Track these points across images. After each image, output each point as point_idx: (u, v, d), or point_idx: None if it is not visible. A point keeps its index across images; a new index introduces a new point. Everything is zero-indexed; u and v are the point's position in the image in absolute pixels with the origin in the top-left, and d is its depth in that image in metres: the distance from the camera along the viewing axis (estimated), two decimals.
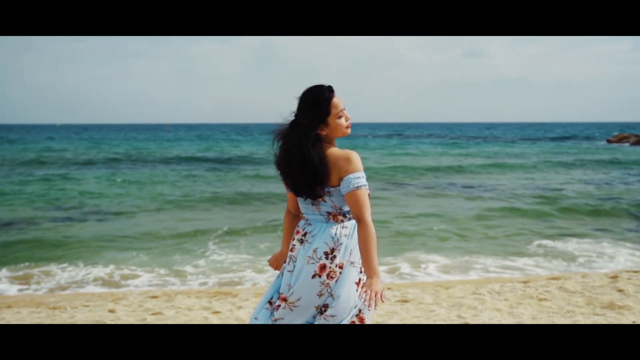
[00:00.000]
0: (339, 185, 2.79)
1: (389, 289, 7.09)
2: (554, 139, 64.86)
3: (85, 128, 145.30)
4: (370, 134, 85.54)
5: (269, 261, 3.24)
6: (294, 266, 2.88)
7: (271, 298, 2.95)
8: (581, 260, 9.46)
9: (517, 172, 25.82)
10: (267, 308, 2.93)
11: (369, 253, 2.68)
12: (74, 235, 11.51)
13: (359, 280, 2.83)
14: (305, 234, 2.90)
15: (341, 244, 2.81)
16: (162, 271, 8.85)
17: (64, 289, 8.05)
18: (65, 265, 9.16)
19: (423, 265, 9.08)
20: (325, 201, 2.83)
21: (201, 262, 9.42)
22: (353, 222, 2.87)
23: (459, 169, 26.70)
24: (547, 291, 6.61)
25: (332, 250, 2.80)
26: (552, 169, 27.34)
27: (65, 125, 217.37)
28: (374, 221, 2.76)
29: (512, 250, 10.17)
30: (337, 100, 2.82)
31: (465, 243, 10.87)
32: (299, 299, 2.79)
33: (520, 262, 9.36)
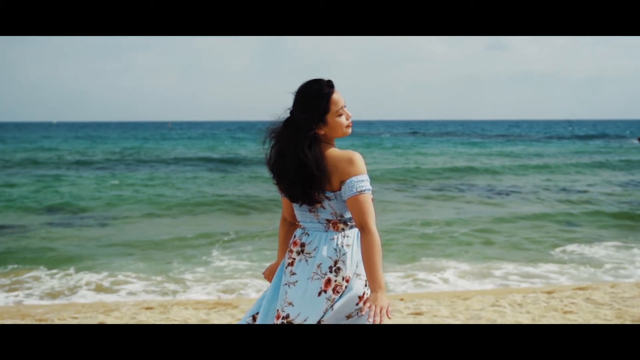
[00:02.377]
0: (339, 190, 2.66)
1: (401, 299, 6.99)
2: (581, 138, 64.48)
3: (83, 126, 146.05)
4: (385, 132, 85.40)
5: (264, 273, 3.13)
6: (290, 282, 2.75)
7: (256, 313, 2.85)
8: (608, 267, 9.33)
9: (541, 173, 25.63)
10: (250, 323, 2.84)
11: (373, 264, 2.57)
12: (67, 240, 11.49)
13: (363, 294, 2.72)
14: (303, 245, 2.77)
15: (344, 254, 2.69)
16: (160, 278, 8.80)
17: (53, 297, 8.01)
18: (55, 271, 9.12)
19: (440, 272, 8.99)
20: (324, 207, 2.70)
21: (202, 269, 9.36)
22: (355, 230, 2.75)
23: (480, 170, 26.52)
24: (572, 303, 6.48)
25: (336, 263, 2.68)
26: (578, 169, 27.13)
27: (62, 123, 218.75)
28: (378, 225, 2.64)
29: (535, 257, 10.06)
30: (337, 96, 2.69)
31: (485, 248, 10.77)
32: (305, 320, 2.66)
33: (544, 268, 9.24)
